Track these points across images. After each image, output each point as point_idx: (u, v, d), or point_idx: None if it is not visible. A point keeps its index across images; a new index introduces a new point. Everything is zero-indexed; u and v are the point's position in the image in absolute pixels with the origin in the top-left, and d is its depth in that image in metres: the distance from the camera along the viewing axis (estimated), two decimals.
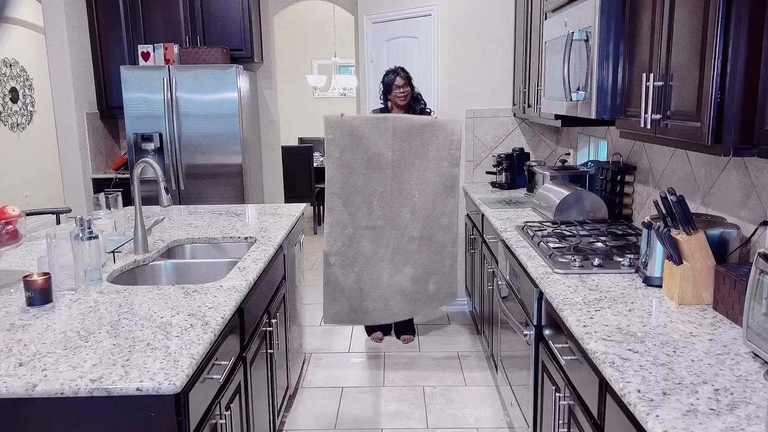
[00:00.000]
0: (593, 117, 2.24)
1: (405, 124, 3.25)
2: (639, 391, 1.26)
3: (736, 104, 1.47)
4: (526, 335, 2.27)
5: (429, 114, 3.70)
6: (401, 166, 3.28)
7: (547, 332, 2.08)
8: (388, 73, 3.68)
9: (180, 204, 4.78)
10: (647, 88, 1.85)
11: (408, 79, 3.63)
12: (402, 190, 3.31)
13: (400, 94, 3.61)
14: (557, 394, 1.88)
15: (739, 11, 1.44)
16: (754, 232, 1.86)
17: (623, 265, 2.13)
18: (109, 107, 5.34)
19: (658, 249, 1.91)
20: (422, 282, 3.43)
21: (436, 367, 3.56)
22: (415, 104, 3.70)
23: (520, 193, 3.91)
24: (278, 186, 5.92)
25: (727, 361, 1.39)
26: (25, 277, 1.79)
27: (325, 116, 3.24)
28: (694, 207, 2.25)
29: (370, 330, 3.97)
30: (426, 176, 3.31)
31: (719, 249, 1.86)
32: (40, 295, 1.79)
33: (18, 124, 7.53)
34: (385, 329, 3.96)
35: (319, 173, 7.22)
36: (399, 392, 3.27)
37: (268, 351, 2.44)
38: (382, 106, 3.73)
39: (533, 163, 3.77)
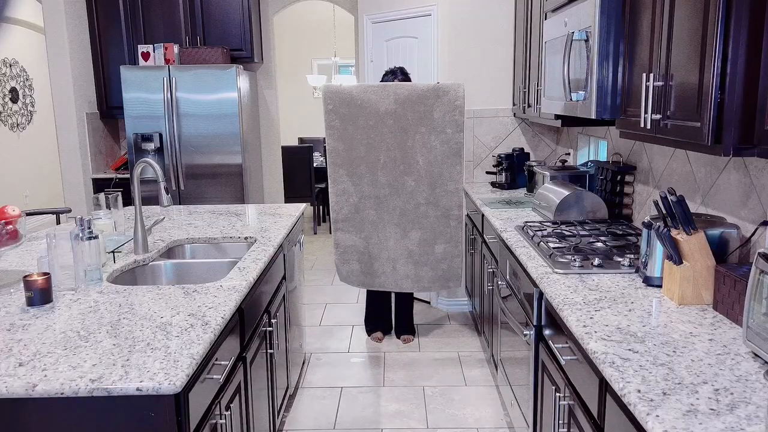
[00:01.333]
0: (593, 117, 2.24)
1: (406, 90, 3.23)
2: (639, 391, 1.26)
3: (736, 104, 1.47)
4: (526, 335, 2.27)
5: None
6: (405, 134, 3.27)
7: (547, 332, 2.08)
8: (386, 74, 3.64)
9: (180, 204, 4.78)
10: (647, 88, 1.85)
11: (407, 80, 3.58)
12: (406, 158, 3.29)
13: None
14: (557, 394, 1.88)
15: (739, 11, 1.44)
16: (754, 232, 1.86)
17: (623, 265, 2.13)
18: (109, 107, 5.35)
19: (658, 249, 1.91)
20: (429, 243, 3.44)
21: (436, 367, 3.56)
22: None
23: (520, 193, 3.91)
24: (278, 186, 5.92)
25: (727, 361, 1.39)
26: (25, 277, 1.79)
27: (324, 85, 3.21)
28: (694, 207, 2.25)
29: (370, 330, 3.97)
30: (431, 142, 3.28)
31: (719, 249, 1.86)
32: (40, 295, 1.79)
33: (18, 124, 7.53)
34: (385, 329, 3.96)
35: (319, 173, 7.23)
36: (399, 392, 3.27)
37: (268, 351, 2.44)
38: None
39: (533, 163, 3.77)
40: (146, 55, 4.82)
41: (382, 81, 3.64)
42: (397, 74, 3.59)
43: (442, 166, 3.31)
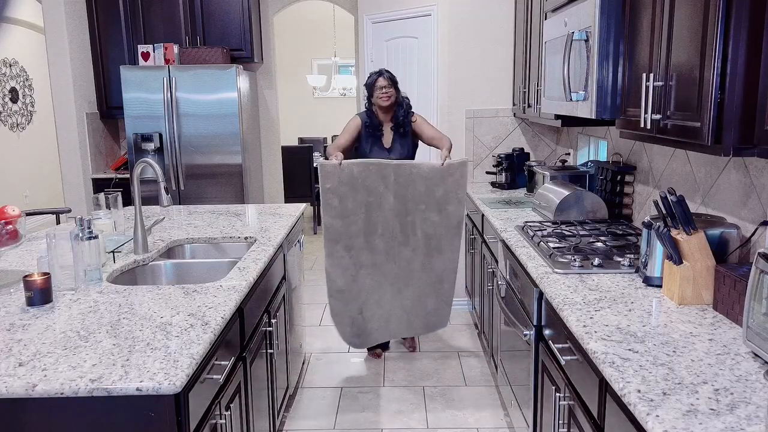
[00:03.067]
0: (593, 117, 2.24)
1: (407, 171, 3.13)
2: (639, 391, 1.26)
3: (736, 104, 1.47)
4: (526, 335, 2.27)
5: (411, 116, 3.51)
6: (404, 209, 3.20)
7: (547, 332, 2.08)
8: (371, 74, 3.49)
9: (180, 204, 4.78)
10: (647, 88, 1.85)
11: (392, 81, 3.43)
12: (404, 230, 3.24)
13: (383, 94, 3.39)
14: (557, 394, 1.88)
15: (739, 11, 1.44)
16: (754, 232, 1.86)
17: (623, 265, 2.13)
18: (109, 107, 5.34)
19: (658, 249, 1.91)
20: (422, 300, 3.40)
21: (436, 367, 3.56)
22: (398, 109, 3.46)
23: (520, 193, 3.91)
24: (278, 186, 5.92)
25: (727, 361, 1.39)
26: (25, 277, 1.79)
27: (321, 164, 3.08)
28: (694, 207, 2.25)
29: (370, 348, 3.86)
30: (431, 218, 3.22)
31: (719, 249, 1.86)
32: (40, 295, 1.79)
33: (18, 124, 7.53)
34: (384, 346, 3.84)
35: None
36: (399, 392, 3.27)
37: (268, 351, 2.44)
38: (366, 109, 3.53)
39: (533, 163, 3.77)
40: (146, 55, 4.82)
41: (366, 81, 3.49)
42: (382, 73, 3.43)
43: (441, 240, 3.26)
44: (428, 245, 3.29)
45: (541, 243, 2.44)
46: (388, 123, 3.51)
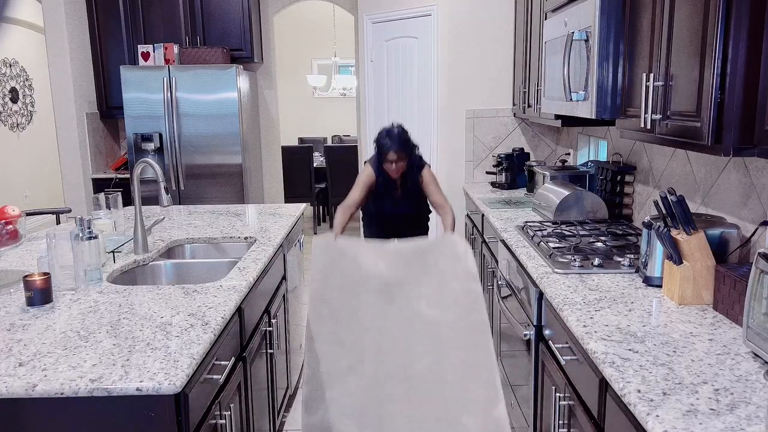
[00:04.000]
0: (593, 117, 2.24)
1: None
2: (639, 391, 1.26)
3: (736, 104, 1.47)
4: (526, 335, 2.27)
5: (420, 174, 3.20)
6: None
7: (547, 332, 2.08)
8: (382, 136, 3.12)
9: (180, 204, 4.78)
10: (647, 88, 1.85)
11: (404, 150, 3.09)
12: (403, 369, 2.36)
13: (392, 169, 3.12)
14: (557, 394, 1.88)
15: (739, 11, 1.44)
16: (754, 232, 1.86)
17: (623, 265, 2.13)
18: (109, 107, 5.35)
19: (658, 249, 1.91)
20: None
21: None
22: (408, 170, 3.18)
23: (520, 193, 3.91)
24: (278, 186, 5.92)
25: (727, 361, 1.39)
26: (25, 277, 1.79)
27: (316, 244, 2.54)
28: (694, 207, 2.25)
29: None
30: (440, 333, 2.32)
31: (719, 249, 1.86)
32: (40, 295, 1.79)
33: (18, 124, 7.53)
34: None
35: (319, 173, 7.23)
36: None
37: (268, 351, 2.44)
38: (376, 164, 3.20)
39: (533, 163, 3.77)
40: (146, 55, 4.82)
41: (377, 139, 3.13)
42: (392, 147, 3.07)
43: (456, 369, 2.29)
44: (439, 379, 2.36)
45: (541, 243, 2.44)
46: (398, 179, 3.26)
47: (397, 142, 3.09)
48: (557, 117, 3.06)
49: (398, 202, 3.33)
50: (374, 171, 3.24)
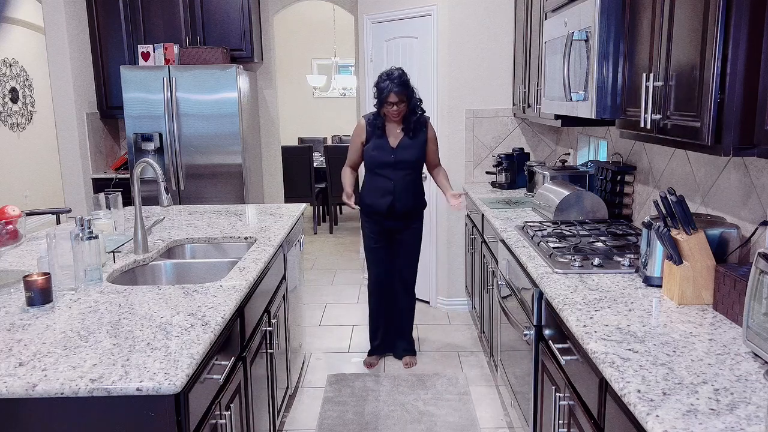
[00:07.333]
0: (593, 117, 2.24)
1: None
2: (639, 391, 1.26)
3: (736, 104, 1.47)
4: (526, 335, 2.27)
5: (426, 123, 3.30)
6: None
7: (547, 332, 2.08)
8: (382, 78, 3.19)
9: (180, 204, 4.78)
10: (647, 88, 1.85)
11: (404, 93, 3.15)
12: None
13: (393, 111, 3.19)
14: (557, 394, 1.88)
15: (739, 11, 1.44)
16: (754, 232, 1.86)
17: (623, 265, 2.13)
18: (109, 107, 5.35)
19: (658, 249, 1.91)
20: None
21: (436, 367, 3.56)
22: (410, 116, 3.25)
23: (520, 193, 3.91)
24: (278, 186, 5.92)
25: (727, 361, 1.39)
26: (25, 277, 1.79)
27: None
28: (694, 207, 2.25)
29: (371, 350, 3.67)
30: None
31: (719, 249, 1.86)
32: (40, 295, 1.79)
33: (18, 124, 7.53)
34: (385, 350, 3.65)
35: (319, 173, 7.23)
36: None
37: (268, 351, 2.44)
38: (375, 111, 3.31)
39: (533, 163, 3.77)
40: (146, 55, 4.82)
41: (377, 83, 3.21)
42: (392, 88, 3.13)
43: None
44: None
45: (541, 243, 2.44)
46: (398, 125, 3.31)
47: (397, 84, 3.13)
48: (557, 117, 3.06)
49: (392, 151, 3.30)
50: (365, 119, 3.36)
